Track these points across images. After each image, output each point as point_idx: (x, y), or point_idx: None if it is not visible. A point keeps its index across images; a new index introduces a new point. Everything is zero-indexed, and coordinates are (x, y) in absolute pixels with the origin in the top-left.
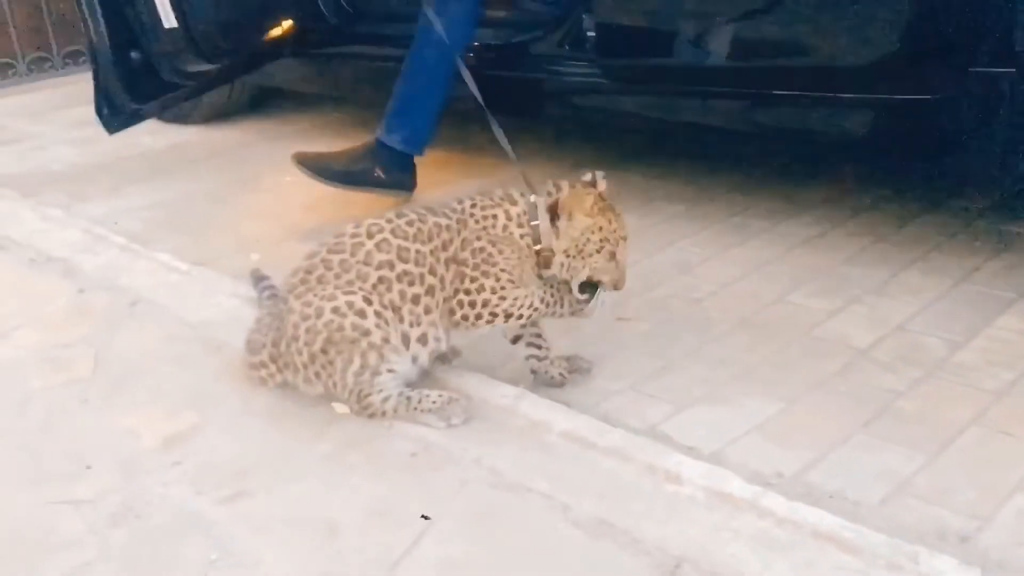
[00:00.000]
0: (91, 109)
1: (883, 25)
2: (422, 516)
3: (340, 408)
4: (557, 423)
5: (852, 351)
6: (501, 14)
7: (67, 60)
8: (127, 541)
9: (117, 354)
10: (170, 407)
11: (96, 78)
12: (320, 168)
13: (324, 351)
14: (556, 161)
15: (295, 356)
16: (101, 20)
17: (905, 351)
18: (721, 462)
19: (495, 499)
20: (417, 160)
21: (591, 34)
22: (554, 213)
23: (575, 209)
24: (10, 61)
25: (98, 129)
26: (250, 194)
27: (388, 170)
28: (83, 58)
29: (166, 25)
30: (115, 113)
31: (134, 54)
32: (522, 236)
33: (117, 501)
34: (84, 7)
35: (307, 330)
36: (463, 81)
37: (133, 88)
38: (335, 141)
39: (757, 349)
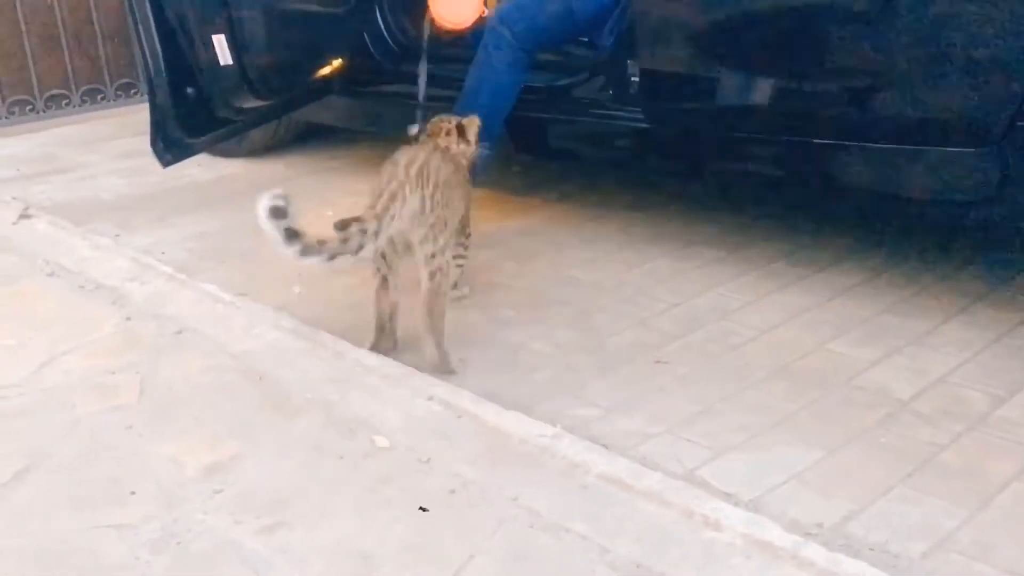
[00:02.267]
0: (141, 140)
1: (930, 78)
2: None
3: (381, 441)
4: (595, 464)
5: (893, 402)
6: (546, 57)
7: (119, 92)
8: (168, 567)
9: (162, 382)
10: (212, 436)
11: (152, 113)
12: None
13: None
14: (600, 203)
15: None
16: (160, 57)
17: (947, 404)
18: (760, 510)
19: (532, 539)
20: None
21: (635, 79)
22: None
23: None
24: (64, 92)
25: (147, 160)
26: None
27: None
28: (135, 90)
29: (222, 63)
30: (169, 147)
31: (190, 90)
32: None
33: (159, 527)
34: (144, 45)
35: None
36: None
37: (187, 123)
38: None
39: (797, 397)
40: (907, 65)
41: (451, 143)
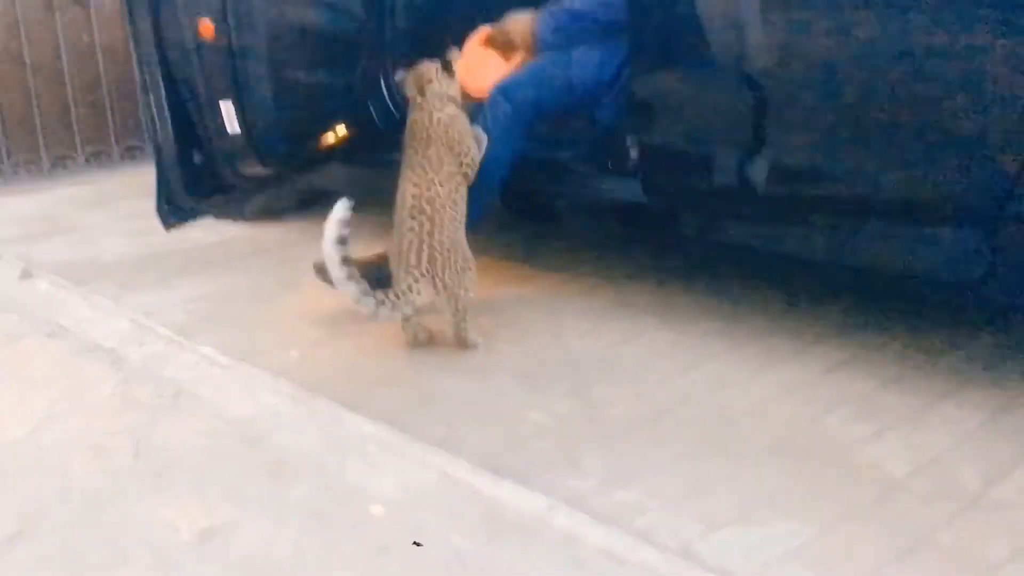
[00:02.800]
0: (144, 201)
1: (922, 160)
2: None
3: (377, 510)
4: (590, 537)
5: (888, 480)
6: (546, 129)
7: (125, 154)
8: None
9: (158, 445)
10: (208, 501)
11: (159, 177)
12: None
13: None
14: (598, 272)
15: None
16: (168, 123)
17: (941, 483)
18: None
19: None
20: None
21: (633, 153)
22: None
23: None
24: (71, 153)
25: (150, 221)
26: (292, 292)
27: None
28: (140, 152)
29: (229, 131)
30: (173, 211)
31: (196, 157)
32: None
33: None
34: (153, 110)
35: None
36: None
37: (193, 188)
38: (377, 244)
39: (792, 473)
40: (898, 147)
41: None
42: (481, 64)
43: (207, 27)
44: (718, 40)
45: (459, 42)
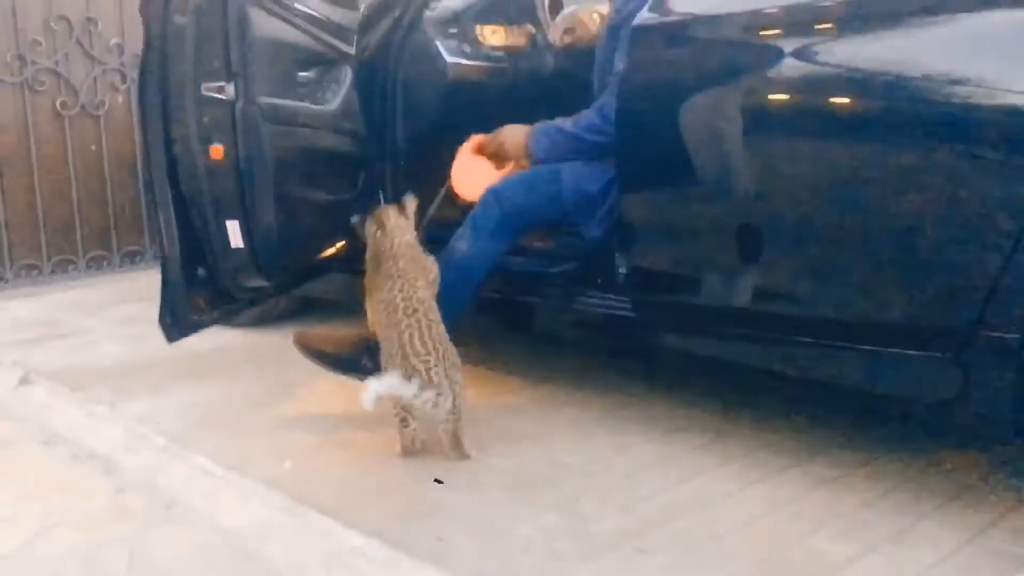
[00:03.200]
0: (142, 307)
1: (896, 284)
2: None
3: None
4: None
5: None
6: (537, 244)
7: (125, 259)
8: None
9: (151, 557)
10: None
11: (163, 290)
12: (316, 352)
13: None
14: (588, 384)
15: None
16: (176, 240)
17: None
18: None
19: None
20: None
21: (622, 270)
22: None
23: None
24: (72, 257)
25: (146, 327)
26: (286, 400)
27: (377, 362)
28: (140, 258)
29: (233, 246)
30: (176, 323)
31: (200, 270)
32: None
33: None
34: (162, 227)
35: None
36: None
37: (196, 302)
38: None
39: None
40: (873, 271)
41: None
42: (472, 170)
43: (217, 150)
44: (702, 164)
45: (453, 158)
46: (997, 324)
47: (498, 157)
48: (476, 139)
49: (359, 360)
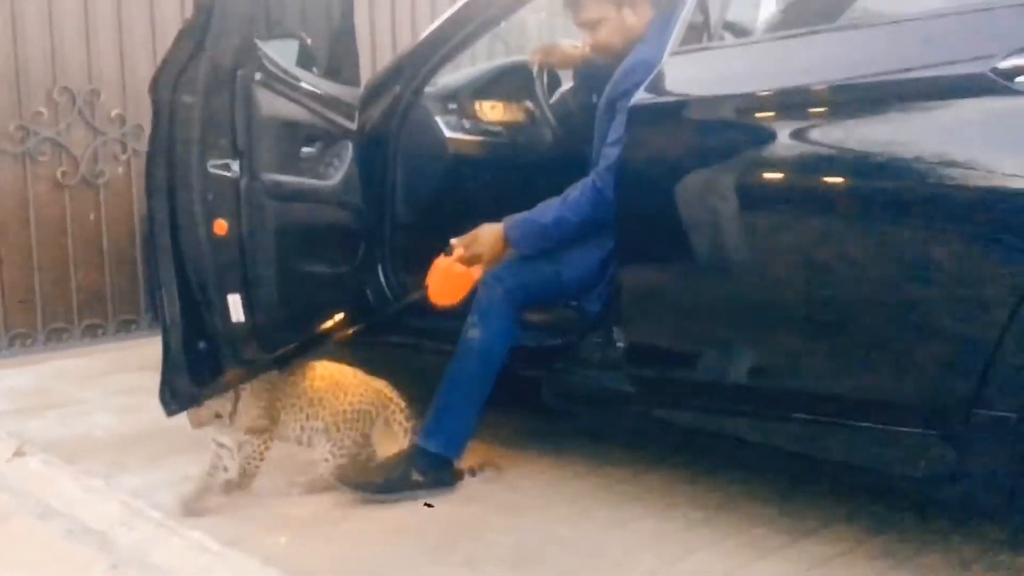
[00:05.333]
0: (137, 376)
1: (892, 361)
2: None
3: None
4: None
5: None
6: (535, 318)
7: (120, 328)
8: None
9: None
10: None
11: (164, 364)
12: (361, 484)
13: None
14: (586, 459)
15: None
16: (178, 313)
17: None
18: None
19: None
20: None
21: (620, 344)
22: None
23: None
24: (66, 326)
25: (142, 398)
26: (280, 470)
27: (425, 472)
28: (135, 327)
29: (234, 319)
30: (175, 397)
31: (201, 343)
32: None
33: None
34: (164, 300)
35: None
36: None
37: (196, 375)
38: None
39: None
40: (872, 351)
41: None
42: (450, 276)
43: (221, 225)
44: (698, 241)
45: (454, 233)
46: (992, 402)
47: (473, 262)
48: (452, 248)
49: (409, 476)
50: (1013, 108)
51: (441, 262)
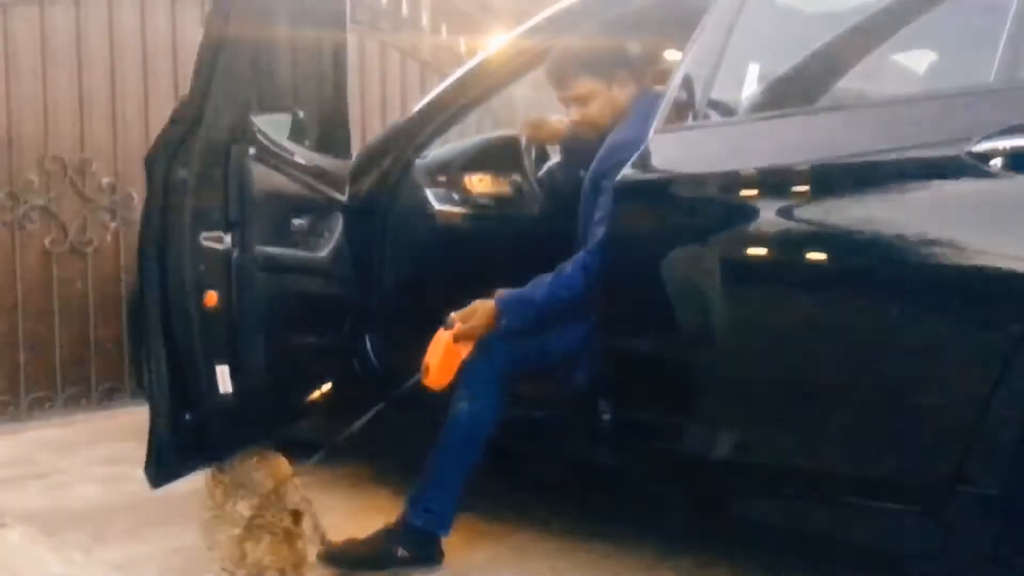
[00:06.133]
0: (119, 446)
1: (874, 438)
2: None
3: None
4: None
5: None
6: (522, 390)
7: (103, 397)
8: None
9: None
10: None
11: (151, 436)
12: (351, 559)
13: None
14: (569, 531)
15: None
16: (166, 386)
17: None
18: None
19: None
20: None
21: (605, 417)
22: None
23: None
24: (49, 395)
25: (123, 467)
26: None
27: (411, 548)
28: (118, 395)
29: (222, 390)
30: (161, 470)
31: (187, 415)
32: None
33: None
34: (152, 373)
35: None
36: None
37: (181, 447)
38: (354, 492)
39: None
40: (856, 428)
41: None
42: (447, 357)
43: (211, 297)
44: (683, 317)
45: (443, 304)
46: (974, 478)
47: (470, 334)
48: (449, 325)
49: (395, 552)
50: (987, 190)
51: (441, 338)
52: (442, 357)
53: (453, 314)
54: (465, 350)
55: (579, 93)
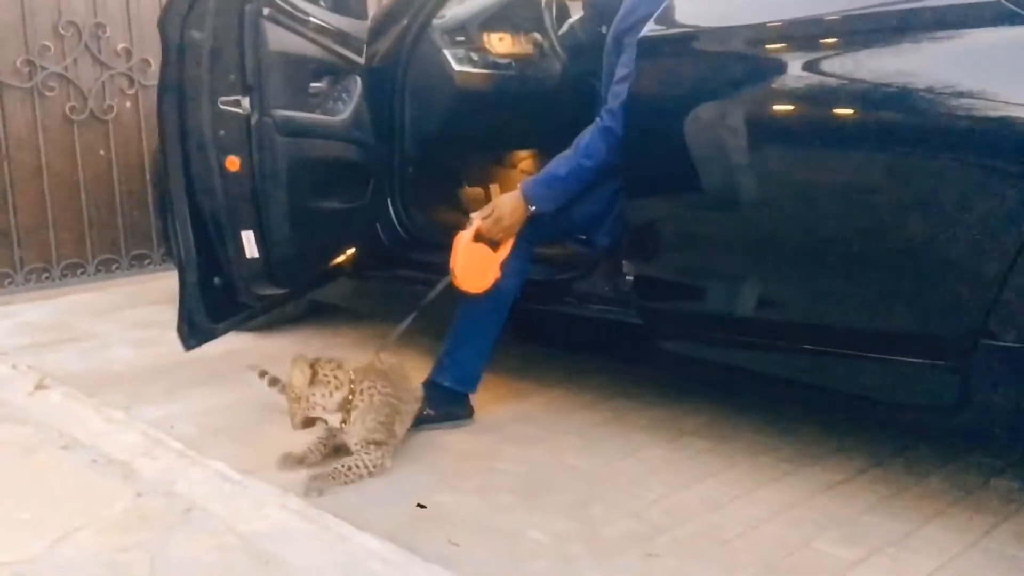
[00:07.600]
0: (152, 310)
1: (899, 293)
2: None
3: None
4: None
5: None
6: (546, 251)
7: (133, 263)
8: None
9: (171, 561)
10: None
11: (181, 300)
12: None
13: None
14: (594, 389)
15: None
16: (193, 250)
17: None
18: None
19: None
20: None
21: (629, 278)
22: None
23: None
24: (80, 261)
25: (158, 331)
26: None
27: (438, 406)
28: (148, 261)
29: (248, 255)
30: (193, 332)
31: (216, 279)
32: None
33: None
34: (179, 237)
35: None
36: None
37: (212, 310)
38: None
39: None
40: (880, 283)
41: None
42: (474, 260)
43: (233, 162)
44: (708, 175)
45: (464, 167)
46: (999, 332)
47: (497, 232)
48: (472, 227)
49: (421, 410)
50: None
51: (461, 242)
52: (467, 267)
53: (473, 215)
54: (503, 253)
55: None
